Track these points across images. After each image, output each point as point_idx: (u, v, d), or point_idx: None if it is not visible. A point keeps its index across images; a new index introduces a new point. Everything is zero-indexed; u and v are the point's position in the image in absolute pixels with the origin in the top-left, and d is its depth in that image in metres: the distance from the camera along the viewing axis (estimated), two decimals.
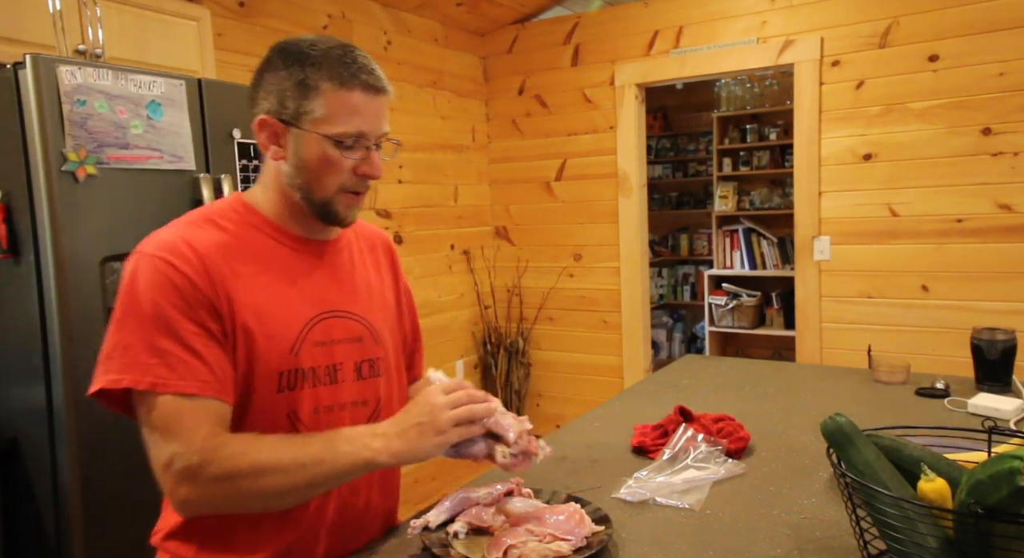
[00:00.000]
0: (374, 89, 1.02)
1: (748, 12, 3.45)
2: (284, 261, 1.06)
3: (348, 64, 1.00)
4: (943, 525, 0.80)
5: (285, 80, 1.00)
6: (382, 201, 3.51)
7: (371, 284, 1.18)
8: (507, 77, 4.17)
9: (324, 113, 0.99)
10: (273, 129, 1.02)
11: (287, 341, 1.01)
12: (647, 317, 4.01)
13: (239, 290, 0.98)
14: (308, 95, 0.99)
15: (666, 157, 5.72)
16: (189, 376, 0.92)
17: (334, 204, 1.05)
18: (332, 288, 1.10)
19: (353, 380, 1.09)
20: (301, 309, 1.04)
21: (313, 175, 1.02)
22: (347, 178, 1.04)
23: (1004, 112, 2.95)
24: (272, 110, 1.01)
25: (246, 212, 1.07)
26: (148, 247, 0.97)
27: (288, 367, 1.01)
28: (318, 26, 3.17)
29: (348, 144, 1.01)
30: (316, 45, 1.01)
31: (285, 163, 1.03)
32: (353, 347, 1.10)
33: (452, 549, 0.98)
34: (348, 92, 1.00)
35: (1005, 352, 1.68)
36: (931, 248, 3.14)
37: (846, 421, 0.91)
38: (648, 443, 1.38)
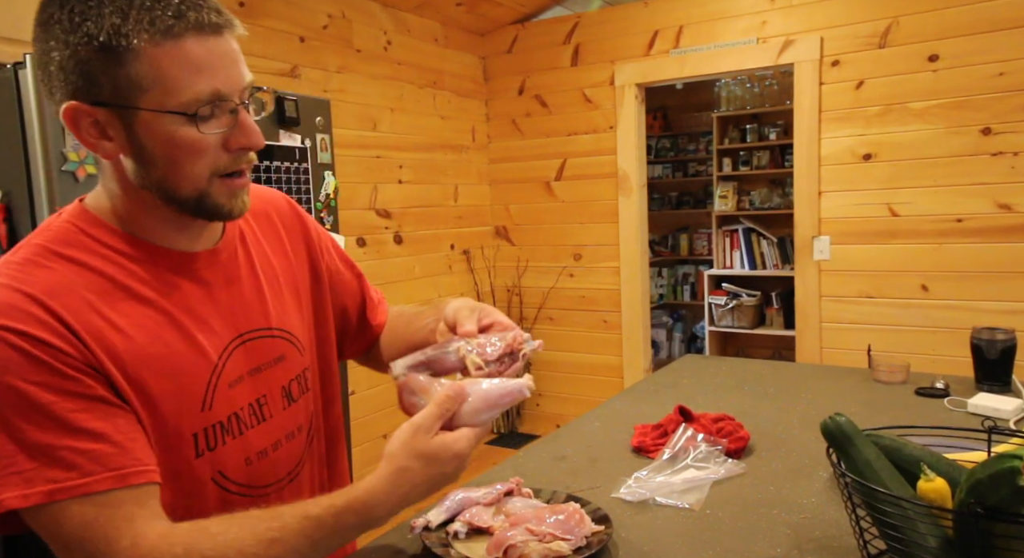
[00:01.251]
0: (213, 28, 0.72)
1: (748, 12, 3.45)
2: (166, 290, 0.81)
3: (163, 2, 0.70)
4: (943, 525, 0.80)
5: (82, 46, 0.70)
6: (382, 201, 3.52)
7: (288, 279, 0.97)
8: (507, 77, 4.17)
9: (154, 80, 0.71)
10: (91, 117, 0.73)
11: (194, 395, 0.80)
12: (647, 317, 4.01)
13: (117, 343, 0.74)
14: (122, 60, 0.70)
15: (666, 157, 5.72)
16: (94, 468, 0.69)
17: (211, 197, 0.78)
18: (235, 306, 0.87)
19: (283, 409, 0.92)
20: (203, 348, 0.82)
21: (169, 166, 0.75)
22: (217, 158, 0.77)
23: (1004, 112, 2.95)
24: (79, 92, 0.72)
25: (98, 231, 0.79)
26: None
27: (202, 426, 0.81)
28: (318, 26, 3.17)
29: (204, 114, 0.74)
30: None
31: (126, 158, 0.76)
32: (277, 370, 0.91)
33: (452, 549, 0.98)
34: (176, 42, 0.70)
35: (1005, 352, 1.67)
36: (931, 248, 3.14)
37: (846, 421, 0.91)
38: (648, 443, 1.38)
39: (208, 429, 0.81)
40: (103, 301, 0.75)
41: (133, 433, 0.73)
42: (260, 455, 0.88)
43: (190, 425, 0.80)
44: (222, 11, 0.74)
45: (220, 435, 0.83)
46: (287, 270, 0.98)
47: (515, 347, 0.88)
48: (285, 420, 0.92)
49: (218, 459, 0.83)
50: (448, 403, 0.81)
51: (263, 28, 2.94)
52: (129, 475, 0.71)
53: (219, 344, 0.84)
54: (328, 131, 2.44)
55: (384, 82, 3.52)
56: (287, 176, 2.29)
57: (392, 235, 3.59)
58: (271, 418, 0.90)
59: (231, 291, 0.88)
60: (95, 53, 0.70)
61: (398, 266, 3.63)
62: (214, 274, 0.87)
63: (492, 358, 0.87)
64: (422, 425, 0.80)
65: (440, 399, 0.81)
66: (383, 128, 3.52)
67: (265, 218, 0.98)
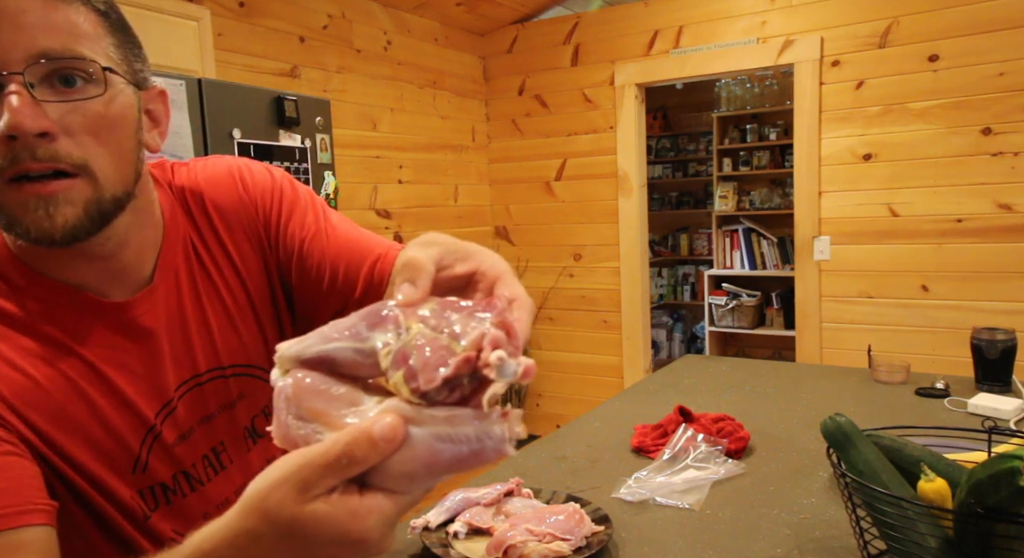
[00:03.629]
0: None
1: (748, 12, 3.45)
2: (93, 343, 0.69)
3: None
4: (943, 525, 0.80)
5: None
6: (382, 201, 3.52)
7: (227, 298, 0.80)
8: (507, 77, 4.17)
9: None
10: None
11: (122, 459, 0.69)
12: (647, 317, 4.01)
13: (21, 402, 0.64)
14: None
15: (666, 157, 5.72)
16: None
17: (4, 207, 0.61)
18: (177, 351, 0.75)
19: (247, 451, 0.81)
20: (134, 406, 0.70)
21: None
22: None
23: (1004, 112, 2.95)
24: None
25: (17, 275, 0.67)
26: None
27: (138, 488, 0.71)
28: (318, 26, 3.17)
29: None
30: None
31: None
32: (235, 411, 0.80)
33: (452, 549, 0.98)
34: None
35: (1005, 352, 1.68)
36: (931, 248, 3.14)
37: (846, 421, 0.91)
38: (648, 443, 1.38)
39: (146, 491, 0.71)
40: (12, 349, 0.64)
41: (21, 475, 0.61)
42: (222, 505, 0.73)
43: (125, 487, 0.69)
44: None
45: (163, 495, 0.73)
46: (236, 285, 0.81)
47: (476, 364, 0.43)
48: (250, 461, 0.81)
49: (170, 517, 0.74)
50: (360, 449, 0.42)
51: (263, 28, 2.94)
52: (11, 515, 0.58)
53: (158, 399, 0.72)
54: (328, 131, 2.44)
55: (384, 82, 3.52)
56: None
57: (392, 235, 3.59)
58: (231, 465, 0.79)
59: (173, 336, 0.74)
60: None
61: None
62: (152, 320, 0.73)
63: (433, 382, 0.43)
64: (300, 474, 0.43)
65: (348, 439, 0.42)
66: (383, 128, 3.52)
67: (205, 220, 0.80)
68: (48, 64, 0.58)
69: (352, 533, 0.43)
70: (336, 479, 0.43)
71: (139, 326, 0.72)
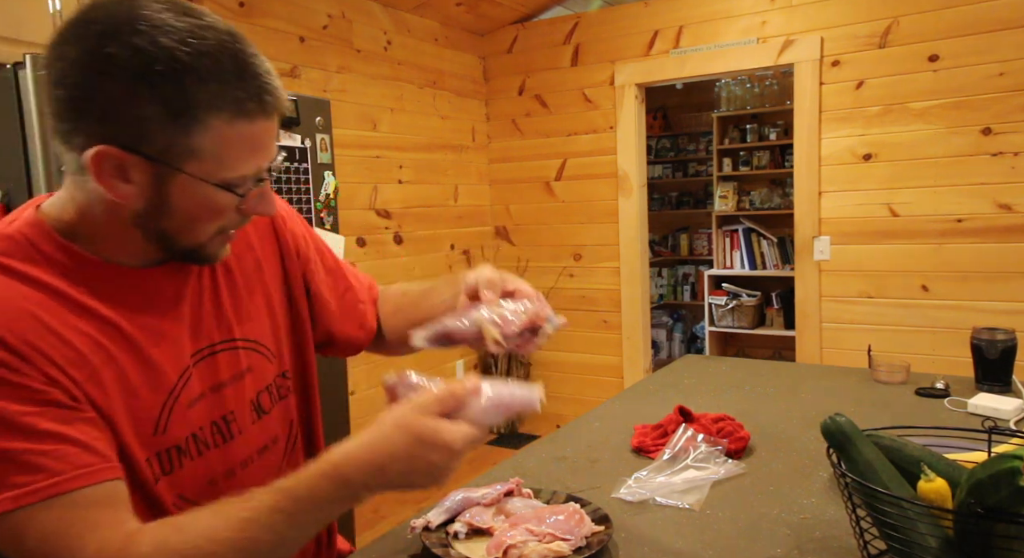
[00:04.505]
0: (276, 109, 0.73)
1: (748, 12, 3.45)
2: (116, 307, 0.76)
3: (246, 81, 0.69)
4: (943, 525, 0.80)
5: (147, 101, 0.66)
6: (382, 201, 3.52)
7: (243, 282, 0.90)
8: (507, 77, 4.17)
9: (214, 154, 0.70)
10: (118, 162, 0.69)
11: (147, 418, 0.76)
12: (647, 317, 4.01)
13: (67, 356, 0.71)
14: (190, 129, 0.68)
15: (666, 157, 5.72)
16: (61, 468, 0.67)
17: (205, 248, 0.78)
18: (195, 321, 0.83)
19: (252, 422, 0.88)
20: (159, 368, 0.78)
21: (185, 221, 0.74)
22: (231, 220, 0.77)
23: (1004, 112, 2.95)
24: (120, 139, 0.68)
25: (47, 246, 0.75)
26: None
27: (155, 450, 0.77)
28: (318, 26, 3.17)
29: (243, 189, 0.75)
30: (187, 41, 0.66)
31: (133, 200, 0.72)
32: (243, 383, 0.87)
33: (452, 549, 0.98)
34: (248, 122, 0.70)
35: (1005, 352, 1.67)
36: (931, 248, 3.14)
37: (846, 421, 0.91)
38: (648, 443, 1.38)
39: (163, 453, 0.77)
40: (51, 317, 0.71)
41: (94, 432, 0.70)
42: (227, 475, 0.84)
43: (143, 449, 0.75)
44: (281, 88, 0.73)
45: (177, 458, 0.79)
46: (255, 275, 0.92)
47: (537, 322, 0.83)
48: (255, 435, 0.88)
49: (177, 482, 0.79)
50: (457, 392, 0.72)
51: (263, 28, 2.94)
52: (96, 472, 0.68)
53: (178, 363, 0.80)
54: (328, 131, 2.44)
55: (384, 82, 3.52)
56: (287, 176, 2.29)
57: (392, 235, 3.59)
58: (240, 435, 0.86)
59: (191, 305, 0.83)
60: (162, 114, 0.67)
61: (398, 266, 3.63)
62: (172, 288, 0.82)
63: (511, 332, 0.81)
64: (420, 403, 0.71)
65: (450, 387, 0.73)
66: (383, 128, 3.52)
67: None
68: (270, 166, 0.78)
69: (449, 443, 0.69)
70: (441, 407, 0.71)
71: (162, 293, 0.80)
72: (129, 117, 0.67)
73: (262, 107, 0.71)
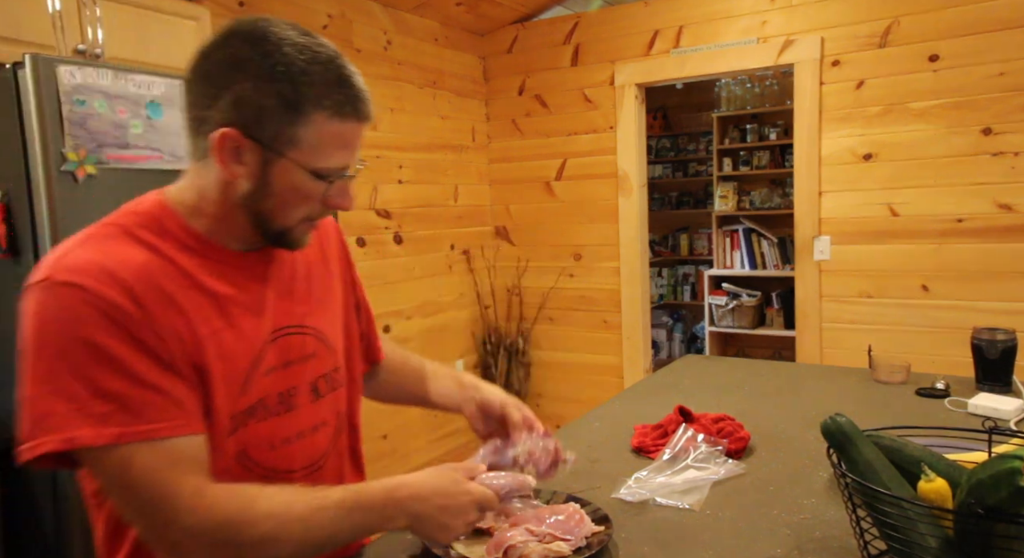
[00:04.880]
0: (366, 117, 0.89)
1: (748, 12, 3.45)
2: (220, 283, 0.90)
3: (346, 88, 0.86)
4: (943, 525, 0.80)
5: (268, 94, 0.82)
6: (382, 201, 3.51)
7: (323, 285, 1.06)
8: (507, 77, 4.17)
9: (312, 143, 0.85)
10: (237, 145, 0.84)
11: (236, 378, 0.88)
12: (647, 317, 4.01)
13: (180, 324, 0.83)
14: (296, 120, 0.83)
15: (666, 157, 5.72)
16: (157, 417, 0.78)
17: (291, 233, 0.93)
18: (277, 303, 0.97)
19: (310, 403, 0.99)
20: (248, 337, 0.91)
21: (280, 204, 0.89)
22: (316, 208, 0.92)
23: (1004, 112, 2.95)
24: (242, 124, 0.83)
25: (171, 224, 0.89)
26: (58, 274, 0.80)
27: (237, 407, 0.89)
28: (318, 26, 3.17)
29: (330, 179, 0.89)
30: (307, 53, 0.84)
31: (244, 181, 0.87)
32: (307, 365, 0.99)
33: (452, 549, 0.98)
34: (343, 122, 0.86)
35: (1005, 352, 1.68)
36: (931, 248, 3.14)
37: (846, 421, 0.91)
38: (648, 443, 1.38)
39: (239, 413, 0.89)
40: (172, 285, 0.84)
41: (188, 395, 0.83)
42: (284, 442, 0.95)
43: (229, 405, 0.87)
44: (370, 101, 0.90)
45: (247, 418, 0.90)
46: (326, 281, 1.07)
47: (559, 459, 1.08)
48: (310, 413, 0.99)
49: (243, 439, 0.90)
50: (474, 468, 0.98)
51: None
52: (185, 426, 0.81)
53: (261, 335, 0.93)
54: None
55: (384, 82, 3.52)
56: None
57: (392, 235, 3.59)
58: (297, 409, 0.97)
59: (276, 289, 0.97)
60: (277, 107, 0.83)
61: (398, 266, 3.63)
62: (264, 275, 0.96)
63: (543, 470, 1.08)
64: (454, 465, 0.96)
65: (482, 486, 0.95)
66: (383, 128, 3.52)
67: (318, 235, 1.09)
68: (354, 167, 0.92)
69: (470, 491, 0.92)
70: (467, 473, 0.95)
71: (256, 276, 0.95)
72: (252, 106, 0.83)
73: (355, 112, 0.87)
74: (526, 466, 1.07)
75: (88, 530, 1.74)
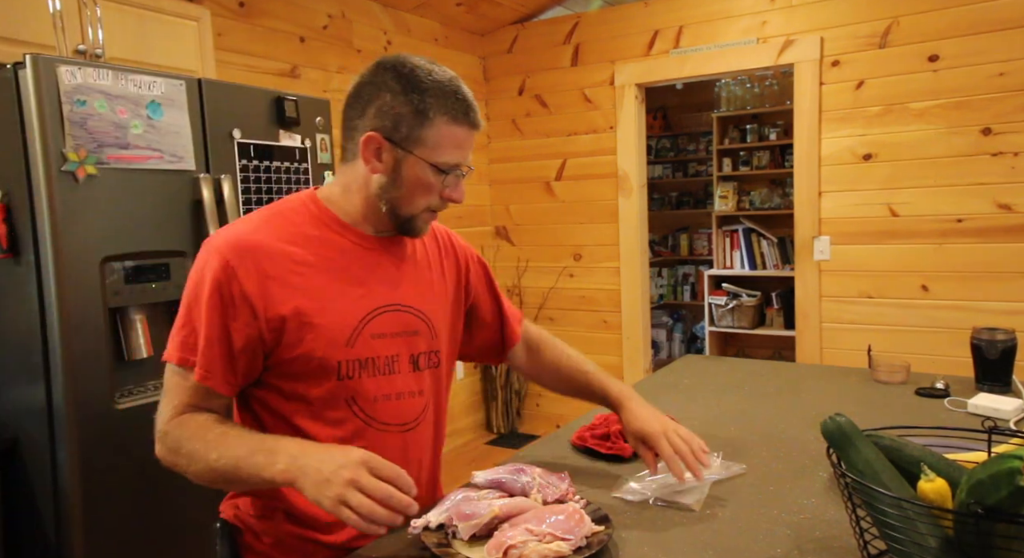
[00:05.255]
0: (476, 126, 1.12)
1: (748, 12, 3.45)
2: (347, 257, 1.13)
3: (460, 100, 1.09)
4: (943, 525, 0.80)
5: (403, 104, 1.07)
6: None
7: (433, 279, 1.25)
8: (507, 77, 4.17)
9: (434, 142, 1.08)
10: (379, 145, 1.09)
11: (343, 333, 1.09)
12: (647, 317, 4.01)
13: (299, 282, 1.08)
14: (423, 124, 1.07)
15: (666, 157, 5.72)
16: (200, 362, 1.04)
17: (417, 220, 1.14)
18: (393, 282, 1.17)
19: (409, 371, 1.17)
20: (360, 303, 1.12)
21: (407, 193, 1.11)
22: (435, 200, 1.13)
23: (1004, 112, 2.95)
24: (383, 128, 1.08)
25: (318, 210, 1.15)
26: (220, 241, 1.07)
27: (345, 357, 1.09)
28: (318, 26, 3.17)
29: (446, 172, 1.10)
30: (433, 74, 1.08)
31: (380, 175, 1.10)
32: (409, 340, 1.17)
33: (452, 549, 0.98)
34: (458, 126, 1.09)
35: (1005, 352, 1.67)
36: (931, 248, 3.14)
37: (846, 421, 0.91)
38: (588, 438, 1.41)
39: (348, 362, 1.10)
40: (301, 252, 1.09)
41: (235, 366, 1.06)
42: (385, 398, 1.14)
43: (335, 355, 1.08)
44: (479, 116, 1.12)
45: (357, 370, 1.11)
46: (437, 275, 1.26)
47: (567, 498, 1.10)
48: (408, 381, 1.17)
49: (352, 387, 1.11)
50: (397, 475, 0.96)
51: (263, 28, 2.94)
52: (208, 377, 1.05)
53: (372, 305, 1.13)
54: (328, 131, 2.44)
55: None
56: (287, 176, 2.29)
57: None
58: (397, 374, 1.15)
59: (395, 271, 1.18)
60: (410, 114, 1.07)
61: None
62: (386, 256, 1.17)
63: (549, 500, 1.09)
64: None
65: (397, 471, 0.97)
66: None
67: (431, 237, 1.30)
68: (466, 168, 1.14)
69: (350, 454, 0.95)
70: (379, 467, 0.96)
71: (380, 257, 1.17)
72: (391, 114, 1.07)
73: (467, 118, 1.10)
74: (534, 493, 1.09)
75: (88, 530, 1.74)
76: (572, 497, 1.10)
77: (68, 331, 1.71)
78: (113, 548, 1.79)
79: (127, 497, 1.81)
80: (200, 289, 1.05)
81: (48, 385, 1.74)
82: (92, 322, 1.76)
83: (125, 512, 1.81)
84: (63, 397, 1.71)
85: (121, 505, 1.80)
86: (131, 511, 1.82)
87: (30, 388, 1.76)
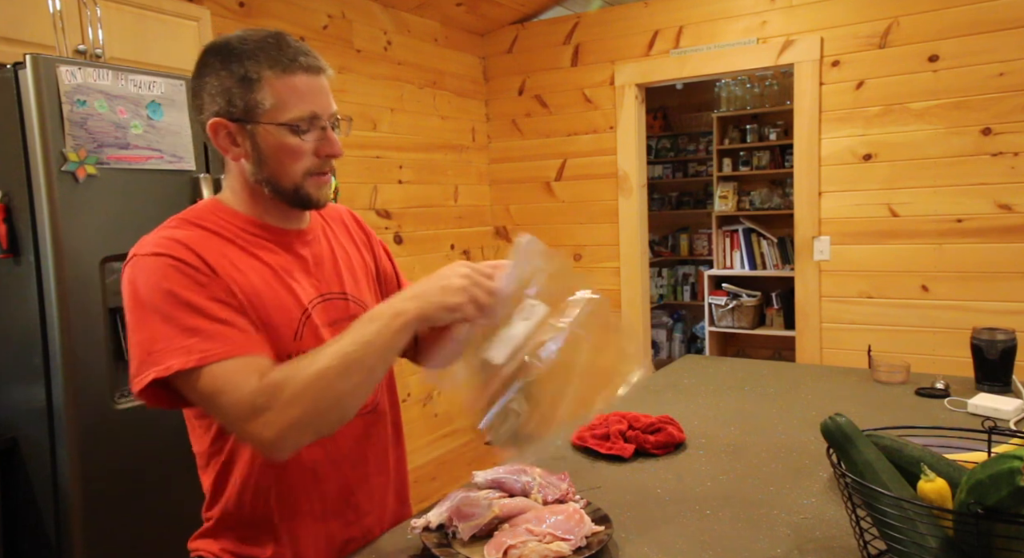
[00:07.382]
0: (315, 69, 1.03)
1: (748, 12, 3.45)
2: (270, 254, 1.08)
3: (284, 49, 1.01)
4: (943, 525, 0.80)
5: (227, 79, 1.00)
6: (382, 201, 3.51)
7: (352, 261, 1.21)
8: (507, 77, 4.17)
9: (273, 102, 1.00)
10: (227, 130, 1.03)
11: (289, 327, 1.05)
12: (647, 317, 4.01)
13: (239, 279, 1.01)
14: (253, 88, 1.00)
15: (666, 157, 5.72)
16: (229, 343, 0.96)
17: (304, 188, 1.06)
18: (320, 274, 1.13)
19: None
20: (297, 296, 1.07)
21: (276, 165, 1.04)
22: (310, 161, 1.05)
23: (1004, 112, 2.95)
24: (222, 111, 1.02)
25: (223, 212, 1.08)
26: (142, 249, 1.00)
27: (296, 350, 1.04)
28: (318, 26, 3.17)
29: (303, 128, 1.02)
30: (247, 39, 1.02)
31: (246, 161, 1.04)
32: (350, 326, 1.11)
33: (452, 549, 0.98)
34: (291, 76, 1.01)
35: (1005, 352, 1.68)
36: (931, 248, 3.14)
37: (846, 421, 0.91)
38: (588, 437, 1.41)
39: (298, 354, 1.02)
40: (230, 251, 1.03)
41: (251, 326, 1.00)
42: None
43: (285, 348, 1.04)
44: (321, 60, 1.05)
45: None
46: (357, 259, 1.23)
47: (567, 498, 1.10)
48: None
49: None
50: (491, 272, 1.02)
51: None
52: (251, 346, 0.98)
53: (308, 296, 1.09)
54: None
55: (384, 82, 3.52)
56: None
57: (392, 235, 3.59)
58: None
59: (317, 263, 1.14)
60: (236, 84, 1.00)
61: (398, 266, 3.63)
62: (305, 249, 1.13)
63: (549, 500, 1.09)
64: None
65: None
66: (383, 128, 3.52)
67: (339, 222, 1.25)
68: (331, 118, 1.06)
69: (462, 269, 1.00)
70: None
71: (298, 249, 1.12)
72: (222, 93, 1.01)
73: (299, 63, 1.01)
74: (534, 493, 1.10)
75: (88, 530, 1.74)
76: (572, 497, 1.10)
77: (68, 331, 1.71)
78: (113, 548, 1.79)
79: (127, 497, 1.81)
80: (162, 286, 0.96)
81: (48, 385, 1.74)
82: (92, 322, 1.76)
83: (125, 512, 1.81)
84: (63, 397, 1.71)
85: (121, 505, 1.80)
86: (131, 511, 1.82)
87: (30, 388, 1.76)
